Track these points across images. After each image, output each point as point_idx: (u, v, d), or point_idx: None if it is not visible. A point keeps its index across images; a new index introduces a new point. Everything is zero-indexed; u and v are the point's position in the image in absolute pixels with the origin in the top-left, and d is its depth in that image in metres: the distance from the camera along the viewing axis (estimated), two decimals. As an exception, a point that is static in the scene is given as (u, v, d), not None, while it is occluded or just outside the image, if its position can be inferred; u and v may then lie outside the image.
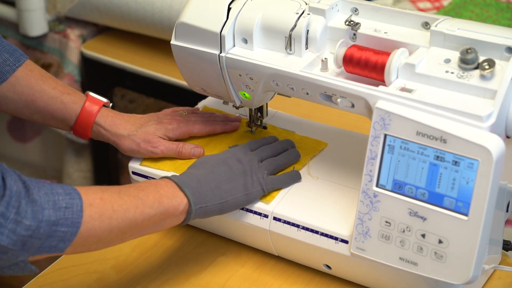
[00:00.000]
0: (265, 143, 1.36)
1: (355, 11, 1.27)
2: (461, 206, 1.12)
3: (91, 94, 1.39)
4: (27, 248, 1.03)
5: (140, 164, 1.39)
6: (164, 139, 1.38)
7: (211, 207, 1.23)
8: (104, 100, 1.39)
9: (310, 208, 1.28)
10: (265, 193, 1.29)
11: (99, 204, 1.09)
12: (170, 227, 1.22)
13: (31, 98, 1.36)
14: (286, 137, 1.42)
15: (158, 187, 1.19)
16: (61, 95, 1.37)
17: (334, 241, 1.24)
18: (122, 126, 1.38)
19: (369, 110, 1.19)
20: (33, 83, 1.35)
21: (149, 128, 1.38)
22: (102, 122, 1.38)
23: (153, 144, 1.37)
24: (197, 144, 1.40)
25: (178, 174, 1.26)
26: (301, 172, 1.35)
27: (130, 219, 1.13)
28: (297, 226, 1.27)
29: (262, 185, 1.29)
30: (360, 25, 1.24)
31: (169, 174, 1.35)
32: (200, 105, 1.52)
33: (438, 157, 1.13)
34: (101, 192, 1.11)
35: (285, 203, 1.30)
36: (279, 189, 1.31)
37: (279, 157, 1.34)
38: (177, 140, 1.40)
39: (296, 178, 1.33)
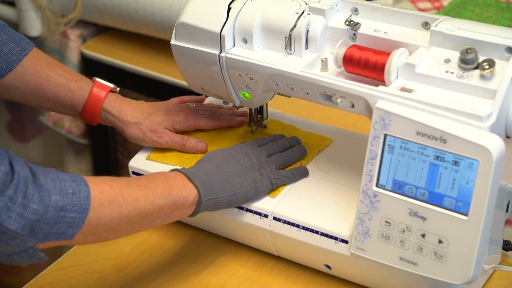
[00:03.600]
0: (272, 140, 1.37)
1: (355, 11, 1.27)
2: (461, 206, 1.12)
3: (98, 80, 1.40)
4: (35, 233, 1.03)
5: (147, 158, 1.39)
6: (170, 130, 1.39)
7: (220, 199, 1.24)
8: (111, 85, 1.41)
9: (310, 208, 1.29)
10: (273, 187, 1.30)
11: (109, 192, 1.10)
12: (180, 218, 1.23)
13: (39, 87, 1.37)
14: (292, 132, 1.43)
15: (167, 178, 1.20)
16: (68, 82, 1.38)
17: (334, 241, 1.24)
18: (130, 113, 1.39)
19: (369, 110, 1.19)
20: (40, 72, 1.36)
21: (156, 118, 1.39)
22: (110, 108, 1.39)
23: (158, 134, 1.38)
24: (204, 139, 1.41)
25: (186, 168, 1.27)
26: (309, 167, 1.35)
27: (140, 208, 1.13)
28: (297, 226, 1.27)
29: (271, 179, 1.29)
30: (360, 25, 1.24)
31: (168, 168, 1.36)
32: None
33: (438, 157, 1.13)
34: (110, 181, 1.12)
35: (285, 203, 1.30)
36: (286, 183, 1.32)
37: (286, 153, 1.35)
38: (183, 132, 1.41)
39: (304, 173, 1.33)
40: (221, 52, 1.29)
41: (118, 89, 1.42)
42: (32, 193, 1.02)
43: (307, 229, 1.27)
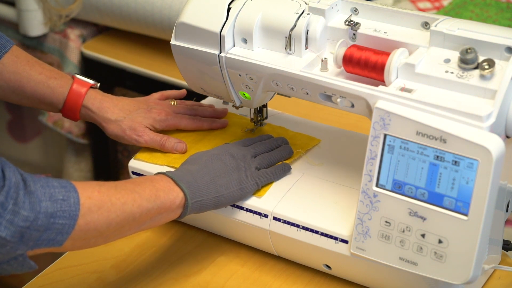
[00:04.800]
0: (259, 140, 1.37)
1: (355, 11, 1.27)
2: (461, 206, 1.12)
3: (78, 76, 1.40)
4: (25, 241, 1.03)
5: (135, 158, 1.40)
6: (150, 129, 1.39)
7: (206, 201, 1.24)
8: (91, 82, 1.41)
9: (310, 208, 1.29)
10: (259, 187, 1.30)
11: (97, 197, 1.10)
12: (167, 221, 1.23)
13: (18, 84, 1.37)
14: (280, 133, 1.43)
15: (154, 182, 1.20)
16: (48, 79, 1.38)
17: (334, 241, 1.24)
18: (110, 110, 1.39)
19: (369, 110, 1.19)
20: (20, 69, 1.37)
21: (137, 117, 1.39)
22: (90, 104, 1.39)
23: (138, 132, 1.38)
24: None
25: (172, 170, 1.27)
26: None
27: (128, 212, 1.13)
28: (297, 226, 1.27)
29: (256, 179, 1.29)
30: (360, 25, 1.24)
31: (163, 168, 1.36)
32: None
33: (438, 157, 1.13)
34: (98, 186, 1.11)
35: (285, 203, 1.30)
36: (271, 182, 1.32)
37: (272, 153, 1.35)
38: (164, 131, 1.41)
39: (286, 170, 1.34)
40: (221, 52, 1.29)
41: (98, 85, 1.42)
42: (23, 199, 1.02)
43: (307, 229, 1.27)
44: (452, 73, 1.15)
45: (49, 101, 1.38)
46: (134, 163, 1.40)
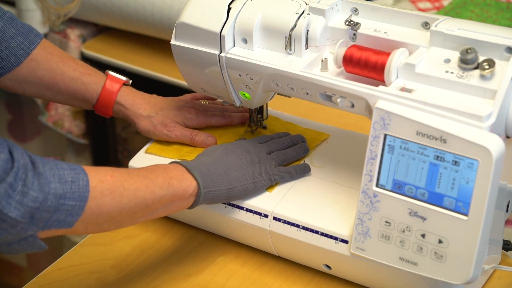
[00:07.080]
0: (275, 138, 1.38)
1: (355, 11, 1.27)
2: (461, 206, 1.12)
3: (111, 73, 1.42)
4: (35, 221, 1.04)
5: (146, 151, 1.40)
6: (181, 125, 1.40)
7: (219, 192, 1.25)
8: (124, 78, 1.43)
9: (310, 208, 1.29)
10: (272, 183, 1.31)
11: (110, 181, 1.11)
12: (180, 210, 1.23)
13: (53, 81, 1.38)
14: (289, 128, 1.43)
15: (167, 170, 1.21)
16: (82, 76, 1.40)
17: (334, 241, 1.24)
18: (143, 107, 1.41)
19: (369, 110, 1.19)
20: (54, 66, 1.38)
21: (168, 113, 1.41)
22: (123, 101, 1.41)
23: (169, 128, 1.40)
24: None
25: (186, 160, 1.28)
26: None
27: (140, 198, 1.14)
28: (297, 226, 1.27)
29: (270, 174, 1.30)
30: (360, 25, 1.24)
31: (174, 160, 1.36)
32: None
33: (438, 157, 1.13)
34: (111, 171, 1.13)
35: (285, 203, 1.30)
36: (286, 180, 1.32)
37: (287, 150, 1.36)
38: (194, 129, 1.42)
39: (305, 170, 1.34)
40: (221, 52, 1.29)
41: (130, 81, 1.44)
42: (31, 180, 1.03)
43: (307, 229, 1.27)
44: (452, 73, 1.15)
45: (83, 97, 1.40)
46: (135, 163, 1.40)
